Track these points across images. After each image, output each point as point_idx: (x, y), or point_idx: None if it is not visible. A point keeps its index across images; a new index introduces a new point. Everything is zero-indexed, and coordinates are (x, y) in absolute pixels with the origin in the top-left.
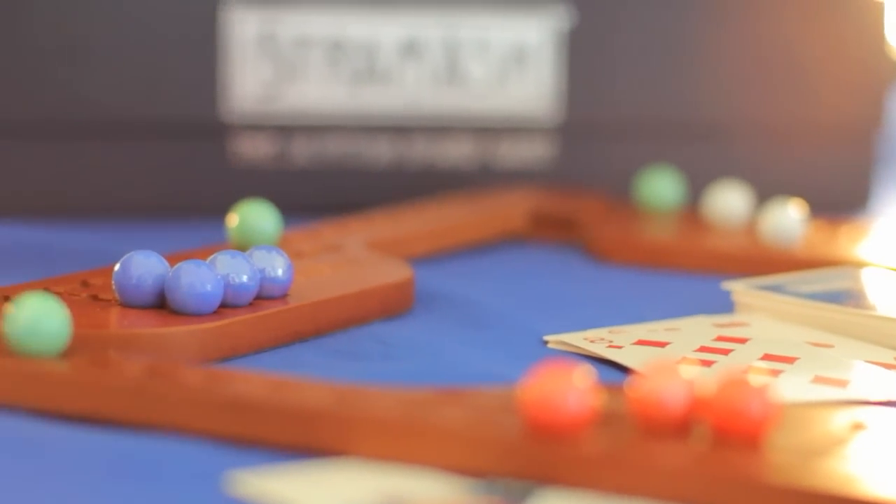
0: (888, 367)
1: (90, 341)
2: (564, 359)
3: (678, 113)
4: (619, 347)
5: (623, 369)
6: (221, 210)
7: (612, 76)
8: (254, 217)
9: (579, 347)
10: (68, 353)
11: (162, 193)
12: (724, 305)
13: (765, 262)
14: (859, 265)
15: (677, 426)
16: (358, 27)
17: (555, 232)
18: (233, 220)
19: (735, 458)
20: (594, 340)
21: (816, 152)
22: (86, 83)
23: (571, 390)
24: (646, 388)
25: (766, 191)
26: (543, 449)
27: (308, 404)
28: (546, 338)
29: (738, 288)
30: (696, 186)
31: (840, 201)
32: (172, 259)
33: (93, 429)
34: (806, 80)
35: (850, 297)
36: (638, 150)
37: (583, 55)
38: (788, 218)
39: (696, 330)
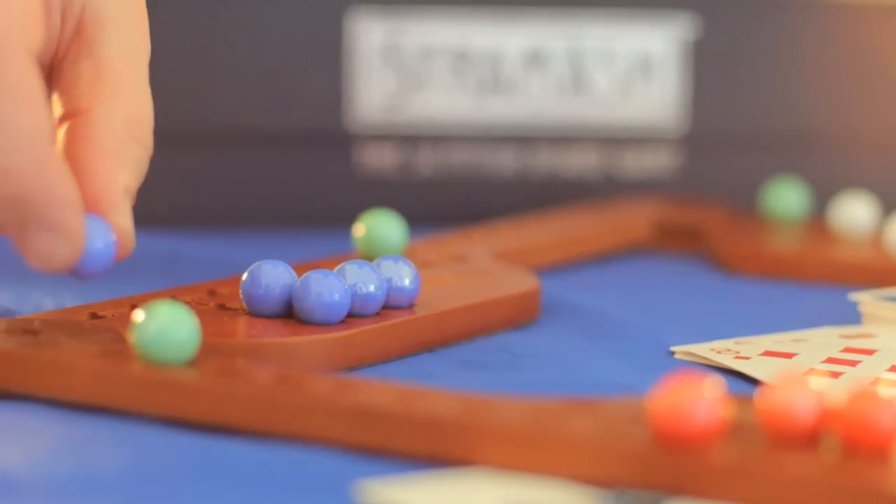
0: None
1: (218, 350)
2: (692, 369)
3: (803, 123)
4: (746, 358)
5: (750, 380)
6: (347, 220)
7: (738, 86)
8: (380, 227)
9: (706, 358)
10: (196, 361)
11: (287, 203)
12: (851, 316)
13: (891, 272)
14: None
15: (806, 437)
16: (483, 37)
17: (679, 242)
18: (359, 229)
19: (864, 470)
20: (721, 351)
21: None
22: (212, 93)
23: (701, 401)
24: (775, 399)
25: (893, 201)
26: (672, 459)
27: (435, 413)
28: (672, 348)
29: (864, 299)
30: (822, 197)
31: None
32: (299, 268)
33: (221, 437)
34: None
35: None
36: (763, 161)
37: (708, 65)
38: None
39: (823, 341)
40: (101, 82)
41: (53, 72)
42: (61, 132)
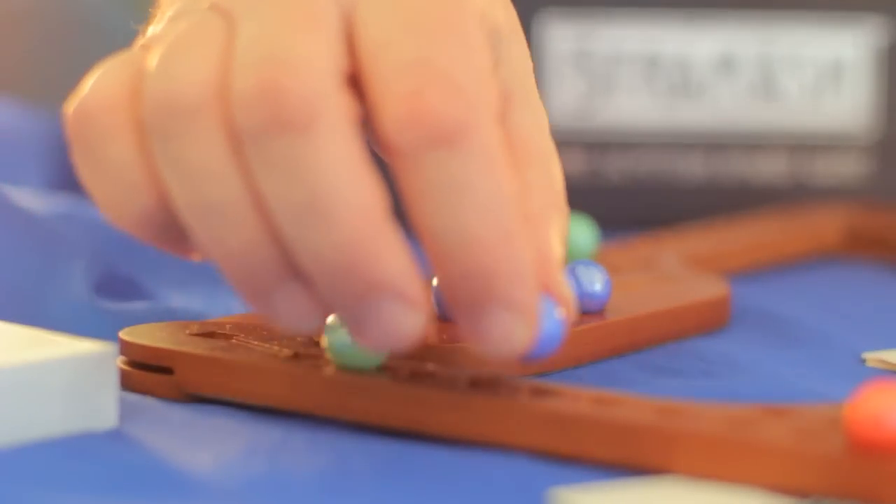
0: None
1: (410, 354)
2: (886, 377)
3: None
4: None
5: None
6: None
7: None
8: (572, 231)
9: None
10: (388, 365)
11: None
12: None
13: None
14: None
15: None
16: (672, 42)
17: (870, 249)
18: None
19: None
20: None
21: None
22: None
23: None
24: None
25: None
26: (869, 467)
27: (630, 420)
28: (865, 355)
29: None
30: None
31: None
32: None
33: (413, 442)
34: None
35: None
36: None
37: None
38: None
39: None
40: (517, 153)
41: None
42: None
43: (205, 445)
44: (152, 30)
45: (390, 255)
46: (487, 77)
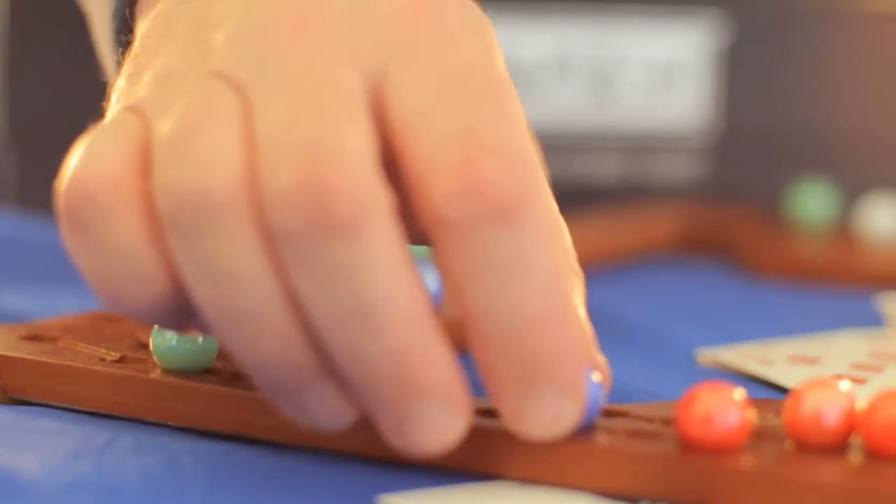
0: None
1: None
2: (718, 375)
3: (830, 128)
4: (771, 363)
5: (775, 385)
6: None
7: (764, 91)
8: None
9: (731, 363)
10: (215, 368)
11: None
12: (877, 321)
13: None
14: None
15: (833, 443)
16: (506, 43)
17: (705, 248)
18: None
19: (891, 475)
20: (746, 356)
21: None
22: None
23: (728, 407)
24: (802, 404)
25: None
26: (701, 467)
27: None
28: (698, 354)
29: (890, 303)
30: (850, 200)
31: None
32: None
33: (240, 444)
34: None
35: None
36: (790, 166)
37: (734, 70)
38: None
39: (848, 346)
40: None
41: None
42: None
43: (30, 448)
44: (134, 83)
45: (438, 361)
46: (532, 145)
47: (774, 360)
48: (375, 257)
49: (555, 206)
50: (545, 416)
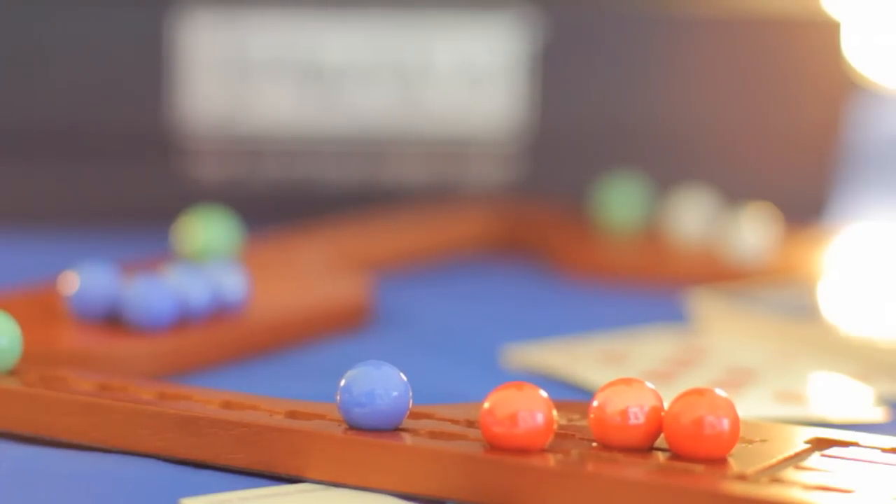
0: (848, 383)
1: (42, 358)
2: (525, 375)
3: (640, 127)
4: (579, 361)
5: (582, 384)
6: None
7: (575, 91)
8: (212, 228)
9: (538, 363)
10: (19, 370)
11: (117, 206)
12: (684, 318)
13: (726, 274)
14: (817, 276)
15: (639, 441)
16: (313, 47)
17: (516, 248)
18: (187, 231)
19: (695, 473)
20: (554, 355)
21: (776, 160)
22: (43, 95)
23: (532, 407)
24: (607, 403)
25: (729, 200)
26: (505, 466)
27: (258, 423)
28: (506, 353)
29: (698, 300)
30: (661, 199)
31: (799, 209)
32: (127, 272)
33: (42, 446)
34: (766, 92)
35: (808, 311)
36: (602, 166)
37: (540, 72)
38: (748, 231)
39: (656, 343)
40: None
41: None
42: None
43: None
44: None
45: None
46: None
47: (582, 357)
48: None
49: None
50: None
